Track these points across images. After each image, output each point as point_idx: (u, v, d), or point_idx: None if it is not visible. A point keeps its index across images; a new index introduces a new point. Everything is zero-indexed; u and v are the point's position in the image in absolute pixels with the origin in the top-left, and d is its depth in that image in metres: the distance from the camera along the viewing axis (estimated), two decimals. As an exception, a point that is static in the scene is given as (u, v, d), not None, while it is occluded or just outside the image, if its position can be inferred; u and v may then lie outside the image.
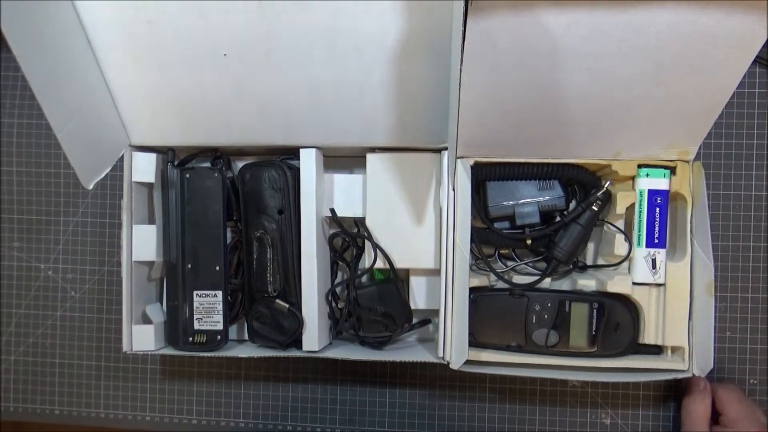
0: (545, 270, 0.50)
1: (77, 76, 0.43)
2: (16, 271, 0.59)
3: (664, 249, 0.48)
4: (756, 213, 0.54)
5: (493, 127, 0.44)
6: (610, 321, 0.48)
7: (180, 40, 0.43)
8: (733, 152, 0.54)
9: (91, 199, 0.59)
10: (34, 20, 0.38)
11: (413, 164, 0.49)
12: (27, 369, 0.59)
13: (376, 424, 0.57)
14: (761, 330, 0.53)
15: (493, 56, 0.38)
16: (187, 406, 0.58)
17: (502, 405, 0.56)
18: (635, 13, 0.35)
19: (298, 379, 0.57)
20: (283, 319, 0.50)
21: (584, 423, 0.55)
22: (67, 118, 0.41)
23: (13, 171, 0.59)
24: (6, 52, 0.57)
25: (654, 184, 0.47)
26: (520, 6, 0.35)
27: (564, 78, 0.40)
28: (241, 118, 0.47)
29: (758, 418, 0.47)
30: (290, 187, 0.49)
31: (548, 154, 0.47)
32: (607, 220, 0.49)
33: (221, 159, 0.52)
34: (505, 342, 0.49)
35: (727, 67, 0.39)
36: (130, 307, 0.50)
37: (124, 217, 0.49)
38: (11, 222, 0.59)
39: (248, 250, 0.50)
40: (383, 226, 0.50)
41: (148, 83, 0.46)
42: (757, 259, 0.54)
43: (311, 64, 0.44)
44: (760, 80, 0.53)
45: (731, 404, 0.48)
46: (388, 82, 0.44)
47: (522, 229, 0.50)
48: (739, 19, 0.35)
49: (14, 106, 0.59)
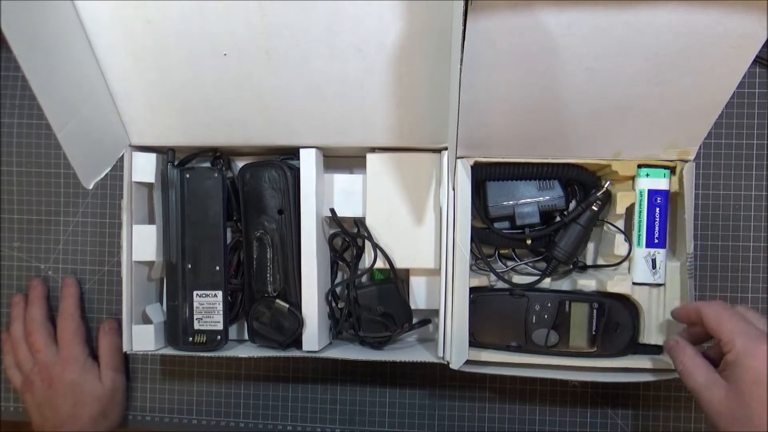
0: (545, 270, 0.50)
1: (77, 76, 0.43)
2: (16, 271, 0.59)
3: (664, 249, 0.48)
4: (756, 213, 0.54)
5: (492, 127, 0.44)
6: (610, 321, 0.48)
7: (180, 40, 0.43)
8: (732, 152, 0.54)
9: (91, 199, 0.59)
10: (34, 20, 0.38)
11: (413, 164, 0.49)
12: (27, 369, 0.59)
13: (376, 424, 0.57)
14: (761, 330, 0.53)
15: (493, 56, 0.38)
16: (187, 406, 0.58)
17: (502, 405, 0.56)
18: (635, 13, 0.36)
19: (298, 379, 0.57)
20: (283, 319, 0.50)
21: (584, 423, 0.55)
22: (67, 118, 0.41)
23: (13, 171, 0.59)
24: (6, 52, 0.57)
25: (654, 184, 0.47)
26: (520, 6, 0.35)
27: (564, 78, 0.40)
28: (241, 118, 0.47)
29: (759, 330, 0.38)
30: (290, 187, 0.49)
31: (548, 154, 0.47)
32: (607, 220, 0.49)
33: (221, 159, 0.52)
34: (505, 342, 0.49)
35: (727, 67, 0.39)
36: (130, 307, 0.50)
37: (124, 217, 0.49)
38: (11, 222, 0.59)
39: (248, 250, 0.50)
40: (383, 226, 0.50)
41: (148, 83, 0.46)
42: (757, 259, 0.54)
43: (311, 64, 0.44)
44: (760, 80, 0.53)
45: (721, 325, 0.39)
46: (388, 82, 0.44)
47: (522, 229, 0.50)
48: (739, 19, 0.35)
49: (14, 106, 0.59)
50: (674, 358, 0.43)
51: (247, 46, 0.43)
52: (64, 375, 0.54)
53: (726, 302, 0.41)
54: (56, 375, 0.54)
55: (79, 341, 0.56)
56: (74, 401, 0.53)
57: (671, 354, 0.43)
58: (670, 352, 0.43)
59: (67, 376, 0.54)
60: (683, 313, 0.44)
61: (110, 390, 0.55)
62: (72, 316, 0.56)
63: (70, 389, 0.54)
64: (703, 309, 0.41)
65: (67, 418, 0.53)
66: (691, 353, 0.41)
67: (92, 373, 0.55)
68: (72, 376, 0.54)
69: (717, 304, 0.41)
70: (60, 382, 0.54)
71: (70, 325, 0.56)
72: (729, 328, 0.38)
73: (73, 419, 0.53)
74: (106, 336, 0.56)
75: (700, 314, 0.41)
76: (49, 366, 0.54)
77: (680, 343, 0.42)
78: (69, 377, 0.54)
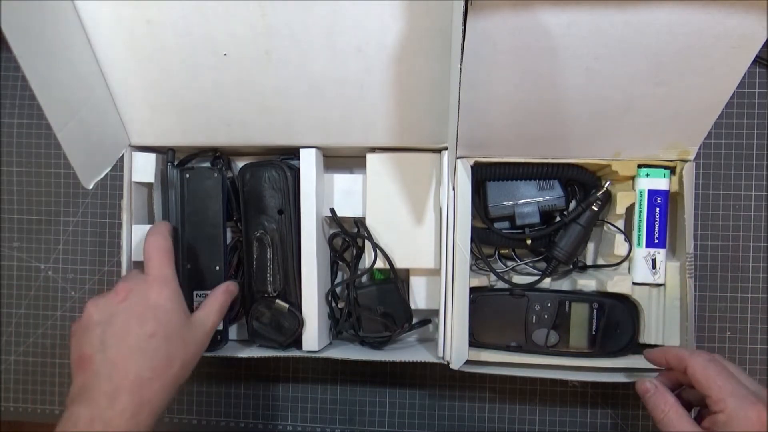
0: (545, 270, 0.50)
1: (77, 76, 0.43)
2: (16, 271, 0.59)
3: (664, 249, 0.48)
4: (756, 213, 0.54)
5: (492, 127, 0.44)
6: (610, 321, 0.48)
7: (180, 40, 0.43)
8: (732, 152, 0.54)
9: (91, 199, 0.59)
10: (34, 20, 0.38)
11: (413, 164, 0.49)
12: (27, 369, 0.59)
13: (376, 424, 0.57)
14: (761, 330, 0.53)
15: (493, 56, 0.38)
16: (187, 406, 0.58)
17: (502, 405, 0.56)
18: (635, 13, 0.36)
19: (298, 379, 0.57)
20: (283, 319, 0.50)
21: (584, 423, 0.55)
22: (67, 118, 0.41)
23: (13, 171, 0.59)
24: (6, 52, 0.57)
25: (654, 184, 0.47)
26: (520, 6, 0.35)
27: (564, 78, 0.40)
28: (241, 118, 0.47)
29: (748, 388, 0.37)
30: (290, 187, 0.49)
31: (548, 154, 0.47)
32: (607, 220, 0.49)
33: (221, 159, 0.52)
34: (505, 342, 0.49)
35: (727, 67, 0.39)
36: (130, 307, 0.50)
37: (124, 217, 0.49)
38: (11, 222, 0.59)
39: (248, 250, 0.50)
40: (383, 226, 0.50)
41: (148, 83, 0.46)
42: (757, 259, 0.54)
43: (311, 63, 0.44)
44: (760, 80, 0.53)
45: (710, 381, 0.37)
46: (388, 82, 0.44)
47: (522, 229, 0.50)
48: (739, 19, 0.35)
49: (14, 106, 0.59)
50: (653, 405, 0.40)
51: (247, 46, 0.43)
52: (149, 293, 0.41)
53: (711, 354, 0.40)
54: (137, 289, 0.40)
55: (170, 263, 0.43)
56: (153, 330, 0.39)
57: (647, 399, 0.41)
58: (645, 396, 0.41)
59: (152, 296, 0.40)
60: (660, 356, 0.42)
61: (202, 334, 0.43)
62: (164, 235, 0.44)
63: (152, 313, 0.40)
64: (688, 360, 0.39)
65: (136, 351, 0.38)
66: (673, 402, 0.40)
67: (183, 305, 0.42)
68: (158, 299, 0.41)
69: (702, 357, 0.39)
70: (140, 298, 0.40)
71: (162, 243, 0.43)
72: (719, 386, 0.37)
73: (143, 355, 0.38)
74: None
75: (683, 363, 0.39)
76: (130, 281, 0.41)
77: (659, 389, 0.41)
78: (154, 298, 0.40)
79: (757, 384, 0.38)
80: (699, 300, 0.54)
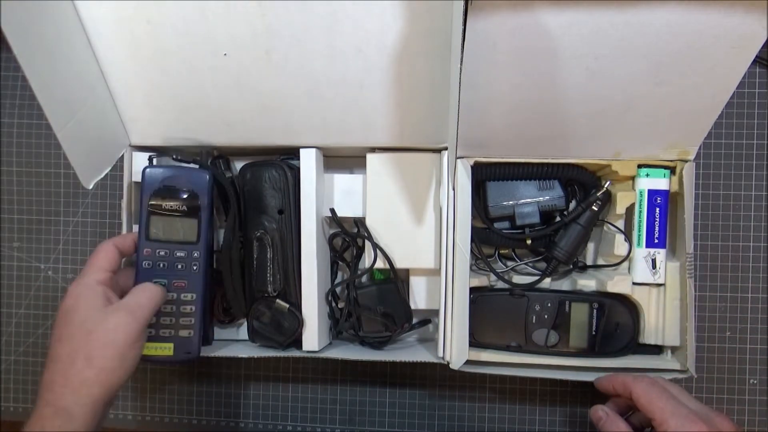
0: (545, 270, 0.50)
1: (77, 75, 0.43)
2: (16, 271, 0.59)
3: (664, 249, 0.48)
4: (756, 213, 0.54)
5: (492, 127, 0.44)
6: (610, 321, 0.48)
7: (180, 40, 0.43)
8: (732, 152, 0.54)
9: (91, 199, 0.59)
10: (34, 20, 0.38)
11: (413, 164, 0.49)
12: (27, 369, 0.59)
13: (376, 424, 0.57)
14: (761, 330, 0.53)
15: (493, 56, 0.38)
16: (187, 406, 0.58)
17: (502, 405, 0.56)
18: (635, 13, 0.36)
19: (298, 379, 0.57)
20: (283, 319, 0.50)
21: (584, 423, 0.55)
22: (67, 118, 0.41)
23: (13, 171, 0.59)
24: (6, 52, 0.57)
25: (654, 184, 0.47)
26: (520, 6, 0.35)
27: (564, 78, 0.40)
28: (241, 118, 0.47)
29: (689, 408, 0.39)
30: (290, 187, 0.49)
31: (548, 154, 0.47)
32: (607, 220, 0.49)
33: (221, 159, 0.52)
34: (505, 342, 0.49)
35: (727, 67, 0.39)
36: (130, 307, 0.50)
37: (124, 217, 0.49)
38: (11, 222, 0.59)
39: (248, 250, 0.50)
40: (383, 226, 0.50)
41: (148, 83, 0.46)
42: (757, 259, 0.54)
43: (311, 63, 0.44)
44: (760, 80, 0.53)
45: (652, 404, 0.40)
46: (388, 82, 0.44)
47: (522, 229, 0.50)
48: (739, 19, 0.35)
49: (14, 106, 0.59)
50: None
51: (247, 47, 0.43)
52: (66, 298, 0.41)
53: (653, 378, 0.42)
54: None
55: (98, 267, 0.43)
56: (58, 335, 0.40)
57: (601, 425, 0.44)
58: (598, 424, 0.44)
59: (66, 300, 0.41)
60: (608, 384, 0.45)
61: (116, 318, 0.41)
62: (114, 242, 0.44)
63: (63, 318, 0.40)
64: (632, 386, 0.42)
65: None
66: (624, 427, 0.42)
67: (92, 300, 0.41)
68: (69, 301, 0.41)
69: (645, 382, 0.42)
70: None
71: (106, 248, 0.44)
72: (661, 408, 0.39)
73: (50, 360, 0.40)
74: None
75: (628, 389, 0.42)
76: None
77: (611, 416, 0.44)
78: (68, 302, 0.41)
79: (699, 404, 0.41)
80: (699, 300, 0.54)
